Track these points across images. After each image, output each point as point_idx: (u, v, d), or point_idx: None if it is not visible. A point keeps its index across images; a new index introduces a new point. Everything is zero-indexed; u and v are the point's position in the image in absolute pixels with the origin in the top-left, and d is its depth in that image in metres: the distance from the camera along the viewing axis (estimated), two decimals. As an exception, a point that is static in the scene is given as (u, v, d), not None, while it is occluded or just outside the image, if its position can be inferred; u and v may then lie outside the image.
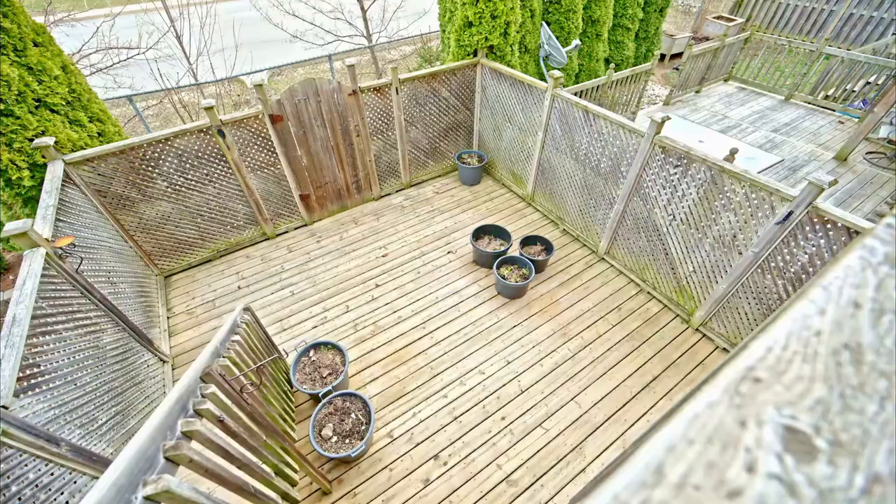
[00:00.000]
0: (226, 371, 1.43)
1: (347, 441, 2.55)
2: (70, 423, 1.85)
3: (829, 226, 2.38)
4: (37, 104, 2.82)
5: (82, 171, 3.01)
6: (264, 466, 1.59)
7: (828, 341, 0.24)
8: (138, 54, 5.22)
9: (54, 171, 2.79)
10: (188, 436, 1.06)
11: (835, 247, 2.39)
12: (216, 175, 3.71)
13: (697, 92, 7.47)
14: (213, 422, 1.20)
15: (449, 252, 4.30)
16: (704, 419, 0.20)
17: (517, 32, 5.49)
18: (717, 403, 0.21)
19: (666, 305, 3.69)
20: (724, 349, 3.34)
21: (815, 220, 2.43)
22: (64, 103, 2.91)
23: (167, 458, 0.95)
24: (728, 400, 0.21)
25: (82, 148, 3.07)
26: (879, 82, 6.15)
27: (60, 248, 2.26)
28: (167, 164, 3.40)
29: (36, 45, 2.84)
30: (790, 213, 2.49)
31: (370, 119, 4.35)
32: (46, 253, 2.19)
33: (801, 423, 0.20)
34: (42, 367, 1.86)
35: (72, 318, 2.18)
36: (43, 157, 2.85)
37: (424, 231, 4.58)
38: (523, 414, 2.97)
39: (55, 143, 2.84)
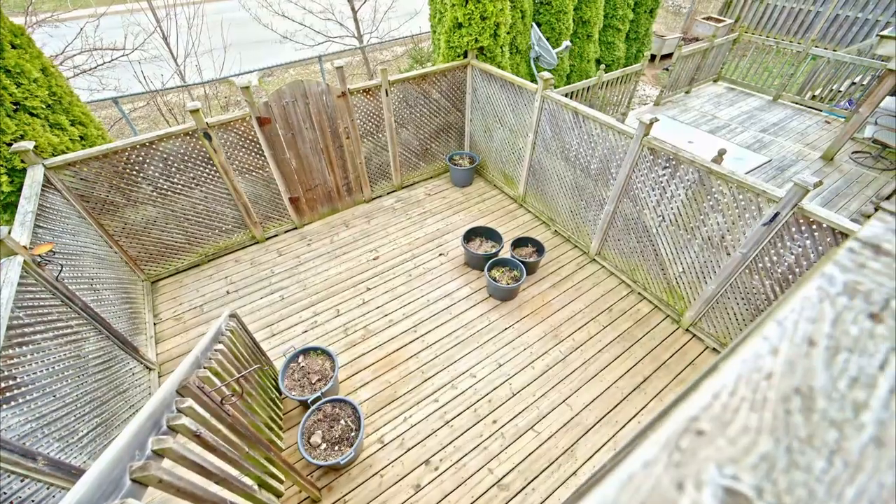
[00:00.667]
0: (206, 382, 1.40)
1: (337, 448, 2.52)
2: (48, 437, 1.80)
3: (814, 227, 2.40)
4: (15, 108, 2.74)
5: (64, 176, 2.95)
6: (246, 479, 1.55)
7: (779, 385, 0.22)
8: (122, 56, 5.12)
9: (34, 177, 2.72)
10: (160, 454, 1.02)
11: (820, 247, 2.42)
12: (203, 178, 3.65)
13: (687, 92, 7.53)
14: (188, 437, 1.16)
15: (440, 254, 4.28)
16: (639, 481, 0.19)
17: (507, 33, 5.49)
18: (655, 462, 0.19)
19: (656, 306, 3.70)
20: (714, 349, 3.36)
21: (801, 221, 2.45)
22: (44, 106, 2.85)
23: (134, 480, 0.91)
24: (667, 457, 0.19)
25: (63, 152, 3.00)
26: (864, 83, 6.25)
27: (39, 255, 2.21)
28: (152, 167, 3.34)
29: (14, 46, 2.77)
30: (776, 215, 2.51)
31: (360, 121, 4.32)
32: (24, 261, 2.13)
33: (743, 484, 0.18)
34: (19, 380, 1.81)
35: (51, 327, 2.12)
36: (22, 161, 2.78)
37: (416, 233, 4.55)
38: (515, 417, 2.96)
39: (35, 147, 2.78)
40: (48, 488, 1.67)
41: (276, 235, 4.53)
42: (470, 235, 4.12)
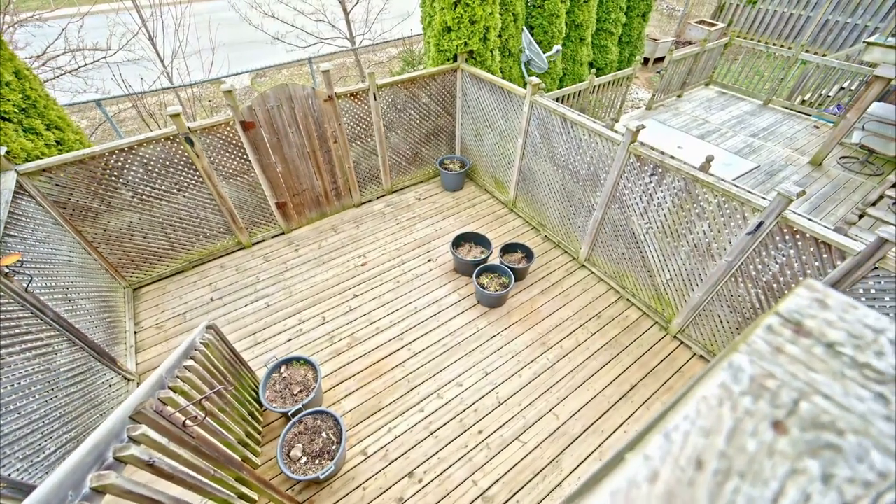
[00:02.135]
0: (169, 403, 1.34)
1: (317, 462, 2.47)
2: (10, 457, 1.74)
3: (797, 236, 2.39)
4: (-13, 112, 2.68)
5: (38, 182, 2.87)
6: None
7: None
8: (105, 57, 5.03)
9: (5, 183, 2.65)
10: (100, 491, 0.97)
11: (804, 257, 2.41)
12: (186, 184, 3.59)
13: (679, 96, 7.55)
14: (140, 467, 1.11)
15: (429, 260, 4.24)
16: None
17: (498, 37, 5.47)
18: None
19: (645, 312, 3.69)
20: (702, 356, 3.35)
21: (785, 230, 2.44)
22: (17, 111, 2.77)
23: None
24: None
25: (38, 157, 2.93)
26: (853, 88, 6.29)
27: (6, 266, 2.14)
28: (132, 173, 3.27)
29: (-14, 50, 2.70)
30: (761, 224, 2.50)
31: (348, 125, 4.27)
32: (-9, 272, 2.06)
33: None
34: (-20, 397, 1.75)
35: (18, 340, 2.06)
36: (-6, 167, 2.71)
37: (405, 238, 4.51)
38: (501, 427, 2.92)
39: (7, 152, 2.70)
40: (9, 511, 1.61)
41: (263, 241, 4.47)
42: (459, 241, 4.08)
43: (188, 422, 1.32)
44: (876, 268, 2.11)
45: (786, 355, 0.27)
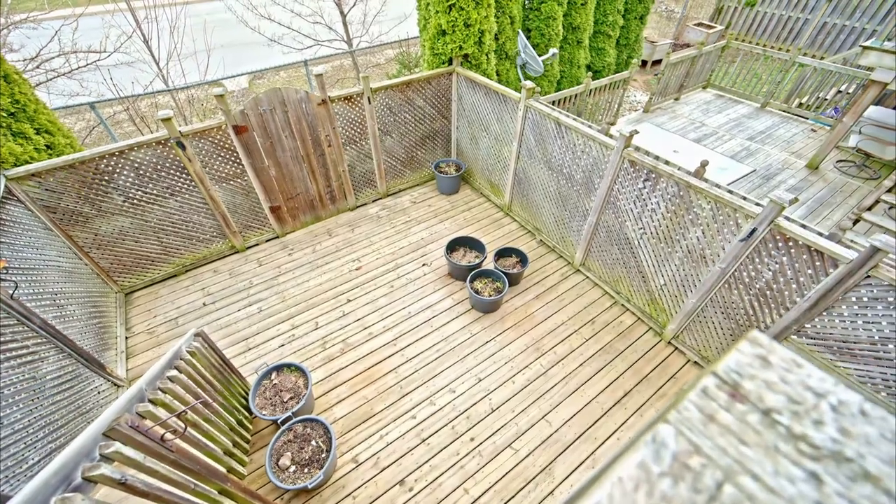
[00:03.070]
0: (149, 417, 1.32)
1: (306, 470, 2.45)
2: (-9, 468, 1.72)
3: (790, 243, 2.37)
4: (-24, 117, 2.66)
5: (27, 187, 2.86)
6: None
7: None
8: (98, 59, 5.01)
9: (-6, 188, 2.63)
10: (65, 514, 0.95)
11: (796, 264, 2.39)
12: (178, 188, 3.57)
13: (677, 99, 7.54)
14: (112, 486, 1.09)
15: (424, 264, 4.22)
16: None
17: (496, 39, 5.46)
18: None
19: (639, 318, 3.67)
20: (696, 363, 3.33)
21: (778, 237, 2.42)
22: (6, 115, 2.76)
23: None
24: None
25: (27, 162, 2.92)
26: (850, 91, 6.29)
27: (-9, 273, 2.12)
28: (123, 177, 3.25)
29: (-25, 54, 2.69)
30: (754, 230, 2.48)
31: (342, 129, 4.25)
32: (-24, 279, 2.05)
33: None
34: (-39, 407, 1.73)
35: (2, 349, 2.04)
36: (-17, 172, 2.70)
37: (400, 242, 4.50)
38: (493, 434, 2.90)
39: (-4, 158, 2.69)
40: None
41: (257, 245, 4.45)
42: (454, 245, 4.07)
43: (168, 435, 1.30)
44: (869, 276, 2.10)
45: (718, 425, 0.25)
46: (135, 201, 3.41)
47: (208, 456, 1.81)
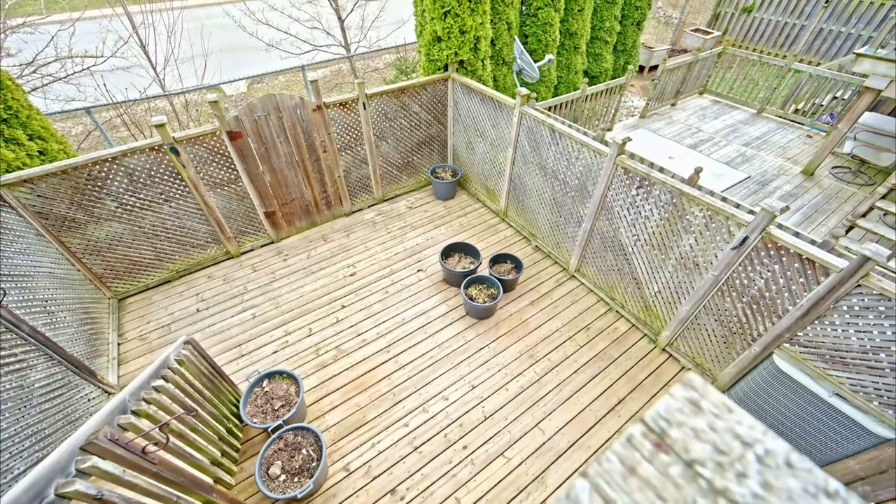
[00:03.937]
0: (130, 429, 1.31)
1: (297, 479, 2.42)
2: (-26, 479, 1.70)
3: (782, 252, 2.37)
4: (-31, 123, 2.67)
5: (19, 193, 2.85)
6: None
7: None
8: (95, 64, 5.03)
9: (-14, 195, 2.63)
10: (35, 533, 0.93)
11: (788, 272, 2.38)
12: (172, 194, 3.57)
13: (673, 105, 7.57)
14: (87, 502, 1.08)
15: (419, 270, 4.21)
16: None
17: (492, 45, 5.48)
18: None
19: (634, 325, 3.66)
20: (690, 370, 3.31)
21: (770, 245, 2.42)
22: (-1, 122, 2.76)
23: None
24: None
25: (19, 168, 2.92)
26: (845, 97, 6.32)
27: (-20, 281, 2.11)
28: (116, 183, 3.25)
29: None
30: (745, 239, 2.48)
31: (338, 134, 4.26)
32: (-37, 287, 2.04)
33: None
34: (-55, 417, 1.71)
35: (-11, 357, 2.03)
36: (-25, 178, 2.69)
37: (395, 248, 4.49)
38: (486, 442, 2.88)
39: (-12, 164, 2.69)
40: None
41: (252, 250, 4.44)
42: (448, 251, 4.06)
43: (150, 447, 1.28)
44: (859, 285, 2.09)
45: (638, 478, 0.25)
46: (128, 207, 3.41)
47: (194, 467, 1.79)
